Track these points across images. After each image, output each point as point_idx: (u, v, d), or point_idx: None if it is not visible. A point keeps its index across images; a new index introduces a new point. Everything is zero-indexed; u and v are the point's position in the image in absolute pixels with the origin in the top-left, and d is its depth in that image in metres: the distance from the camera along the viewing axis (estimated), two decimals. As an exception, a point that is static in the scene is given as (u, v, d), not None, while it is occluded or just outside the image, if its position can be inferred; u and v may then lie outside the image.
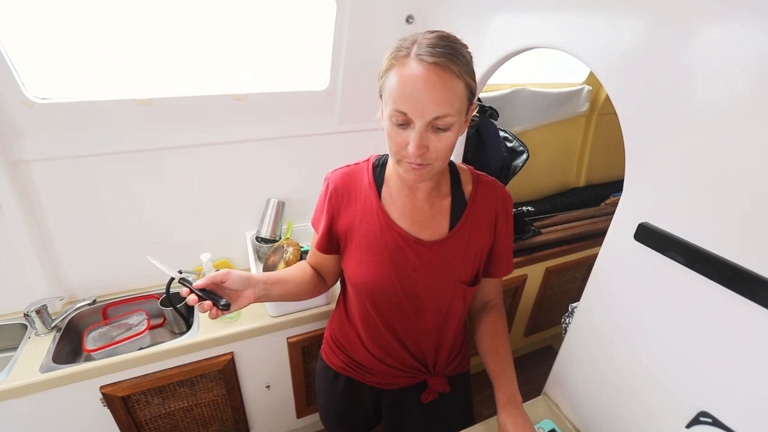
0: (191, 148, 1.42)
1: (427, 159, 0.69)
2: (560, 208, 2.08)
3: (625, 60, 0.75)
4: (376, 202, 0.83)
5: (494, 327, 0.93)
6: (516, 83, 1.84)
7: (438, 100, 0.64)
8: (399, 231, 0.83)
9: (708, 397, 0.71)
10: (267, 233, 1.57)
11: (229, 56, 1.35)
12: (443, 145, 0.68)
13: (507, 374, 0.86)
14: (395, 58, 0.67)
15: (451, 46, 0.66)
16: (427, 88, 0.63)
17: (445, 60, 0.63)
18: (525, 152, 1.70)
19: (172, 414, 1.43)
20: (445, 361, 0.98)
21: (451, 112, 0.65)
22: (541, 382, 1.12)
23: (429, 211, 0.84)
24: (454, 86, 0.65)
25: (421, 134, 0.66)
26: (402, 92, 0.65)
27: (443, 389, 0.98)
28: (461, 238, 0.84)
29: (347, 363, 1.00)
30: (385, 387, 1.00)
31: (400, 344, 0.92)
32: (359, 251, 0.86)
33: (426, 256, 0.83)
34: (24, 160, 1.24)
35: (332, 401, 1.07)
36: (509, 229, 0.90)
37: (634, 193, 0.78)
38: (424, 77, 0.63)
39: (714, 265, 0.65)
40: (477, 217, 0.85)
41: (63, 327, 1.37)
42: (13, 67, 1.09)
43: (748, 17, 0.58)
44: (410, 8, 1.35)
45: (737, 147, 0.61)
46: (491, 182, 0.89)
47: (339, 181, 0.86)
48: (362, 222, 0.84)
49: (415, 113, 0.65)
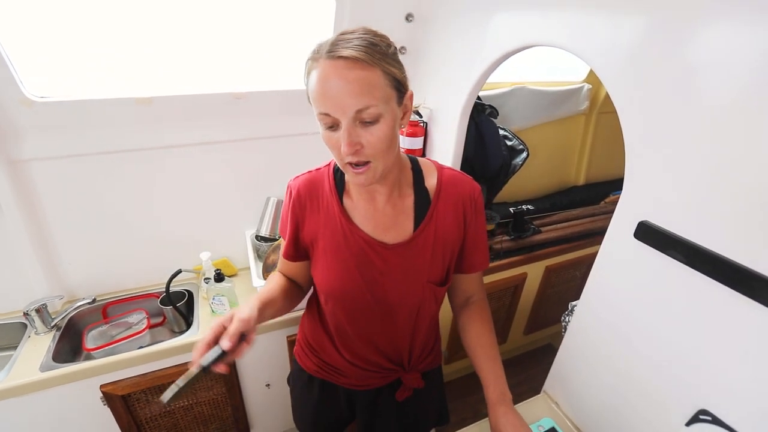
0: (190, 147, 1.42)
1: (365, 156, 0.67)
2: (560, 207, 2.08)
3: (625, 58, 0.75)
4: (338, 208, 0.81)
5: (479, 324, 0.91)
6: (515, 81, 1.84)
7: (354, 92, 0.62)
8: (362, 236, 0.81)
9: (708, 395, 0.71)
10: (266, 232, 1.57)
11: (228, 55, 1.35)
12: (376, 138, 0.66)
13: (495, 372, 0.85)
14: (312, 59, 0.67)
15: (360, 37, 0.65)
16: (341, 82, 0.62)
17: (353, 51, 0.62)
18: (525, 151, 1.70)
19: (172, 413, 1.43)
20: (418, 357, 0.97)
21: (373, 102, 0.63)
22: (540, 381, 1.12)
23: (391, 212, 0.82)
24: (368, 76, 0.63)
25: (349, 131, 0.64)
26: (320, 93, 0.64)
27: (417, 384, 0.97)
28: (427, 237, 0.82)
29: (320, 366, 0.99)
30: (359, 388, 0.99)
31: (371, 348, 0.91)
32: (325, 258, 0.84)
33: (392, 259, 0.81)
34: (23, 159, 1.23)
35: (307, 404, 1.06)
36: (480, 222, 0.87)
37: (633, 192, 0.78)
38: (336, 72, 0.62)
39: (714, 263, 0.65)
40: (442, 213, 0.82)
41: (63, 326, 1.37)
42: (12, 66, 1.09)
43: (749, 16, 0.57)
44: (410, 6, 1.35)
45: (737, 145, 0.61)
46: (457, 176, 0.85)
47: (302, 188, 0.84)
48: (326, 228, 0.82)
49: (336, 111, 0.64)
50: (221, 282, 1.34)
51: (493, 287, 1.78)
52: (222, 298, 1.35)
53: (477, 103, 1.55)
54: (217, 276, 1.35)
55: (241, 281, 1.60)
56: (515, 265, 1.80)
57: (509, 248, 1.79)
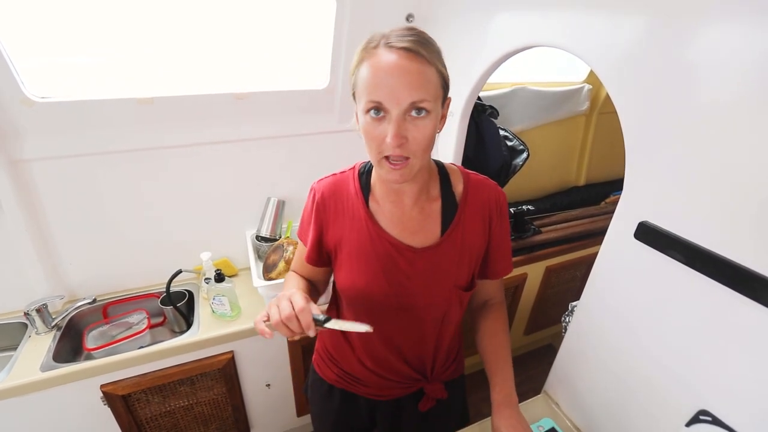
0: (191, 147, 1.42)
1: (407, 151, 0.67)
2: (560, 207, 2.08)
3: (625, 58, 0.75)
4: (364, 211, 0.80)
5: (494, 325, 0.91)
6: (516, 82, 1.84)
7: (411, 85, 0.62)
8: (389, 239, 0.79)
9: (708, 395, 0.71)
10: (267, 232, 1.57)
11: (229, 55, 1.35)
12: (422, 135, 0.66)
13: (504, 373, 0.84)
14: (365, 50, 0.66)
15: (420, 34, 0.66)
16: (401, 72, 0.62)
17: (415, 45, 0.63)
18: (525, 151, 1.70)
19: (173, 412, 1.43)
20: (442, 366, 0.96)
21: (427, 97, 0.64)
22: (540, 381, 1.12)
23: (418, 216, 0.81)
24: (426, 71, 0.64)
25: (398, 123, 0.64)
26: (375, 82, 0.64)
27: (440, 395, 0.95)
28: (454, 241, 0.81)
29: (341, 376, 0.97)
30: (381, 398, 0.98)
31: (395, 354, 0.90)
32: (350, 262, 0.83)
33: (418, 263, 0.80)
34: (24, 159, 1.23)
35: (327, 414, 1.04)
36: (505, 228, 0.87)
37: (634, 192, 0.78)
38: (396, 63, 0.62)
39: (714, 264, 0.65)
40: (469, 218, 0.82)
41: (63, 326, 1.37)
42: (12, 66, 1.09)
43: (749, 16, 0.58)
44: (410, 7, 1.35)
45: (738, 145, 0.61)
46: (482, 181, 0.85)
47: (326, 191, 0.83)
48: (351, 232, 0.81)
49: (390, 101, 0.63)
50: (222, 282, 1.34)
51: (493, 287, 1.78)
52: (222, 298, 1.35)
53: (477, 103, 1.55)
54: (218, 276, 1.35)
55: (242, 281, 1.60)
56: (515, 265, 1.78)
57: (509, 248, 1.79)
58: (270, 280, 1.38)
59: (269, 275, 1.40)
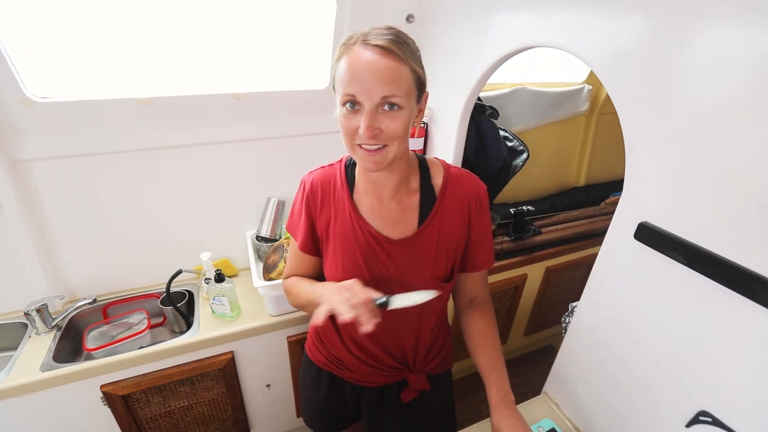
0: (192, 147, 1.42)
1: (382, 140, 0.70)
2: (560, 208, 2.08)
3: (625, 59, 0.75)
4: (349, 202, 0.84)
5: (482, 324, 0.91)
6: (516, 82, 1.84)
7: (383, 80, 0.66)
8: (370, 230, 0.83)
9: (708, 396, 0.71)
10: (267, 232, 1.57)
11: (229, 55, 1.35)
12: (395, 125, 0.69)
13: (498, 373, 0.85)
14: (345, 46, 0.70)
15: (397, 33, 0.70)
16: (373, 68, 0.66)
17: (390, 43, 0.67)
18: (525, 151, 1.70)
19: (173, 413, 1.43)
20: (424, 358, 0.97)
21: (399, 93, 0.67)
22: (540, 382, 1.12)
23: (397, 208, 0.84)
24: (399, 68, 0.67)
25: (370, 115, 0.68)
26: (350, 76, 0.67)
27: (423, 386, 0.97)
28: (431, 233, 0.83)
29: (329, 359, 1.00)
30: (365, 385, 0.99)
31: (377, 344, 0.92)
32: (334, 252, 0.86)
33: (396, 254, 0.83)
34: (24, 159, 1.24)
35: (315, 396, 1.07)
36: (485, 221, 0.88)
37: (634, 193, 0.78)
38: (370, 58, 0.66)
39: (714, 265, 0.65)
40: (447, 211, 0.84)
41: (63, 326, 1.37)
42: (13, 66, 1.09)
43: (748, 17, 0.58)
44: (410, 7, 1.35)
45: (737, 146, 0.61)
46: (463, 174, 0.87)
47: (315, 182, 0.86)
48: (337, 222, 0.85)
49: (363, 94, 0.67)
50: (221, 282, 1.34)
51: (493, 288, 1.78)
52: (222, 298, 1.35)
53: (477, 104, 1.55)
54: (218, 276, 1.35)
55: (242, 282, 1.60)
56: (515, 266, 1.80)
57: (509, 249, 1.79)
58: (270, 280, 1.38)
59: (269, 275, 1.40)
